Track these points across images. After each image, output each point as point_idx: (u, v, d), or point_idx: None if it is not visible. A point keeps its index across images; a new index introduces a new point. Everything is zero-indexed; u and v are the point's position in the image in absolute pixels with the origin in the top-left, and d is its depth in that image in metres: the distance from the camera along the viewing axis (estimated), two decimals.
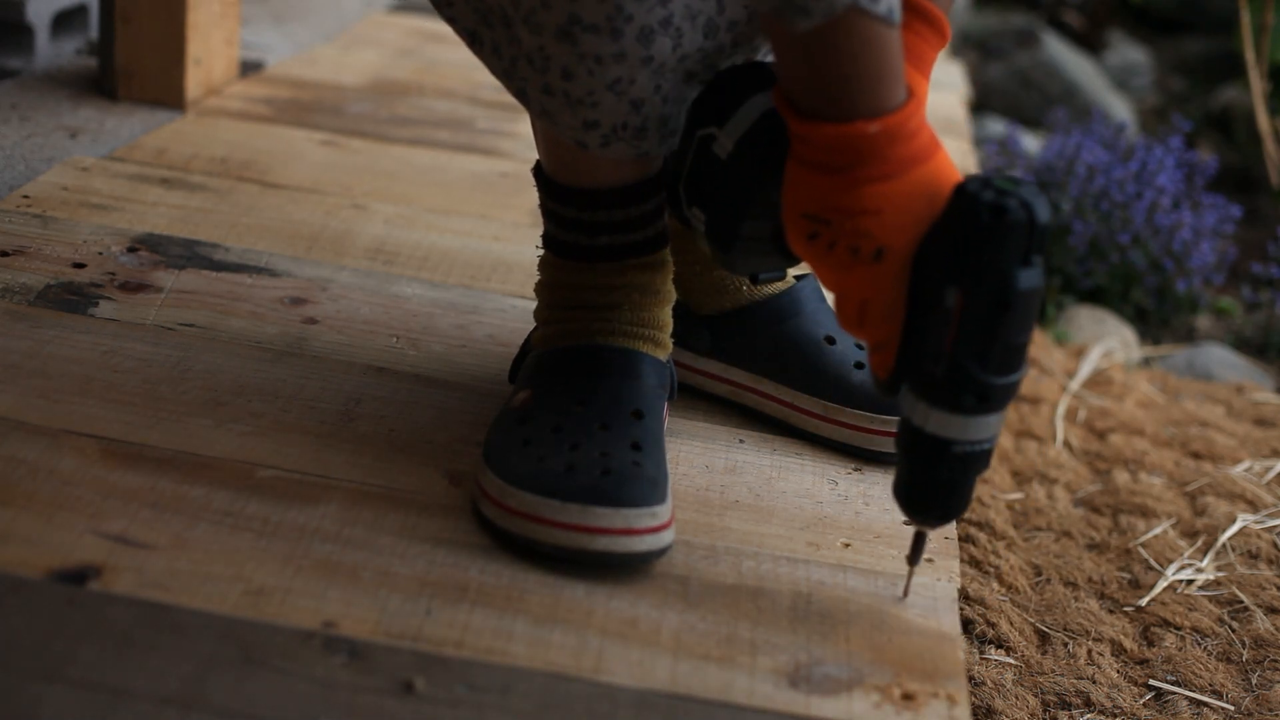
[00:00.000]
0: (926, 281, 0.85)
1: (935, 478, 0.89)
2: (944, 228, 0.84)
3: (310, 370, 1.13)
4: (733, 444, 1.12)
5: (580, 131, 0.94)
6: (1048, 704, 1.11)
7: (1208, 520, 1.39)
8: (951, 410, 0.86)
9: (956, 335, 0.84)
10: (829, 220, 0.86)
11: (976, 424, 0.87)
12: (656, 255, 1.04)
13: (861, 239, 0.85)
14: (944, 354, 0.85)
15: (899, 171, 0.84)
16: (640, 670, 0.85)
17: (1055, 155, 2.15)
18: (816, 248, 0.87)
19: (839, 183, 0.85)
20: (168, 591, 0.85)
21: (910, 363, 0.88)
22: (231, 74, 1.86)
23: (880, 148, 0.83)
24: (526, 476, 0.93)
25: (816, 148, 0.85)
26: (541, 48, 0.91)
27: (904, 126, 0.84)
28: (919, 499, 0.91)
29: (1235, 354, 1.90)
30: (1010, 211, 0.82)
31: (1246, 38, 2.39)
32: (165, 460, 0.98)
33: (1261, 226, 2.48)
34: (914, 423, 0.88)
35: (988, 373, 0.85)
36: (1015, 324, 0.84)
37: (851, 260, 0.86)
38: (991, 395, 0.86)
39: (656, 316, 1.04)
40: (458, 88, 2.02)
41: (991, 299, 0.83)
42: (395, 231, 1.44)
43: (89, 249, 1.29)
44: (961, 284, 0.83)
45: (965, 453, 0.88)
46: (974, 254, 0.83)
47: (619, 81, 0.91)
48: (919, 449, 0.89)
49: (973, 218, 0.82)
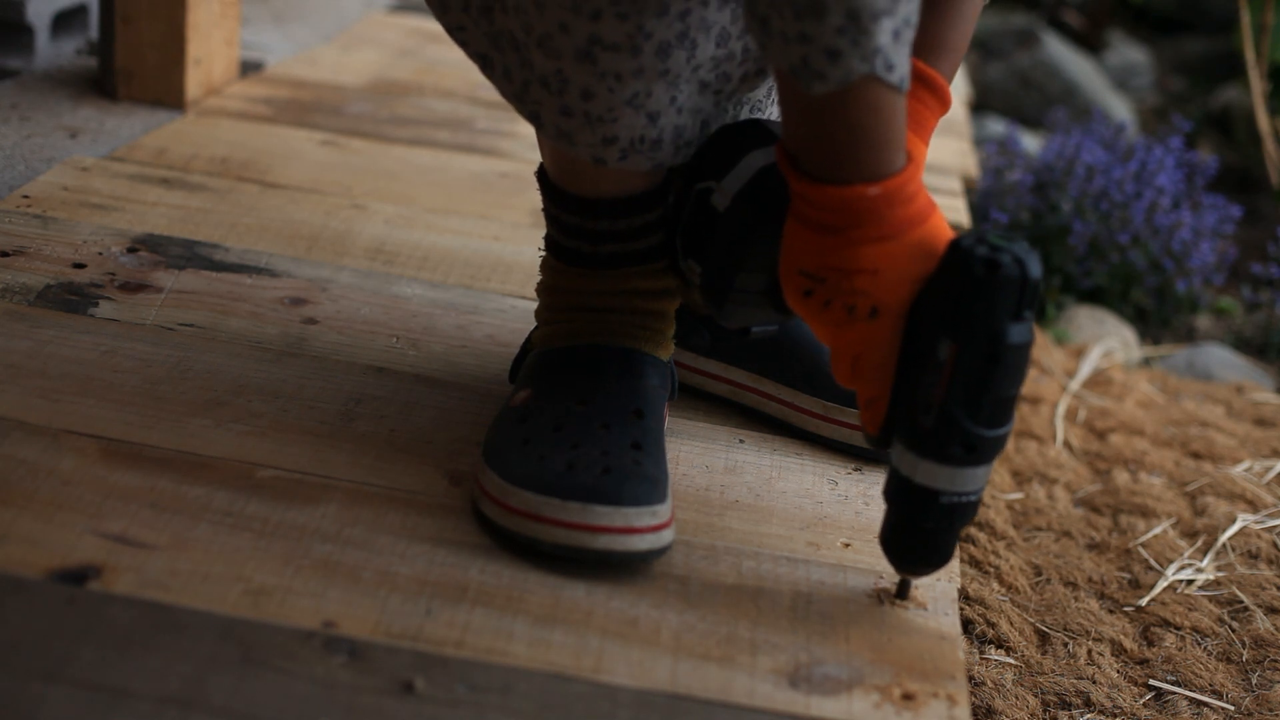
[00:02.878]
0: (920, 335, 0.87)
1: (922, 527, 0.90)
2: (938, 282, 0.86)
3: (310, 370, 1.13)
4: (733, 444, 1.12)
5: (599, 148, 0.94)
6: (1048, 704, 1.11)
7: (1208, 520, 1.39)
8: (940, 461, 0.87)
9: (948, 387, 0.86)
10: (825, 279, 0.87)
11: (964, 475, 0.88)
12: (660, 263, 1.04)
13: (858, 297, 0.87)
14: (934, 405, 0.86)
15: (897, 233, 0.86)
16: (640, 670, 0.85)
17: (1055, 155, 2.15)
18: (812, 304, 0.89)
19: (837, 242, 0.86)
20: (168, 591, 0.85)
21: (901, 415, 0.89)
22: (231, 74, 1.86)
23: (879, 210, 0.85)
24: (527, 475, 0.93)
25: (817, 207, 0.86)
26: (559, 71, 0.90)
27: (903, 190, 0.85)
28: (905, 549, 0.92)
29: (1235, 354, 1.90)
30: (1004, 267, 0.84)
31: (1246, 38, 2.39)
32: (165, 460, 0.98)
33: (1261, 226, 2.48)
34: (902, 473, 0.89)
35: (977, 424, 0.86)
36: (1005, 377, 0.85)
37: (847, 318, 0.88)
38: (980, 447, 0.87)
39: (658, 319, 1.04)
40: (458, 88, 2.02)
41: (983, 352, 0.85)
42: (395, 231, 1.44)
43: (89, 249, 1.29)
44: (954, 337, 0.85)
45: (952, 503, 0.89)
46: (967, 307, 0.84)
47: (637, 96, 0.92)
48: (907, 499, 0.90)
49: (967, 272, 0.84)
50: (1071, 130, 2.29)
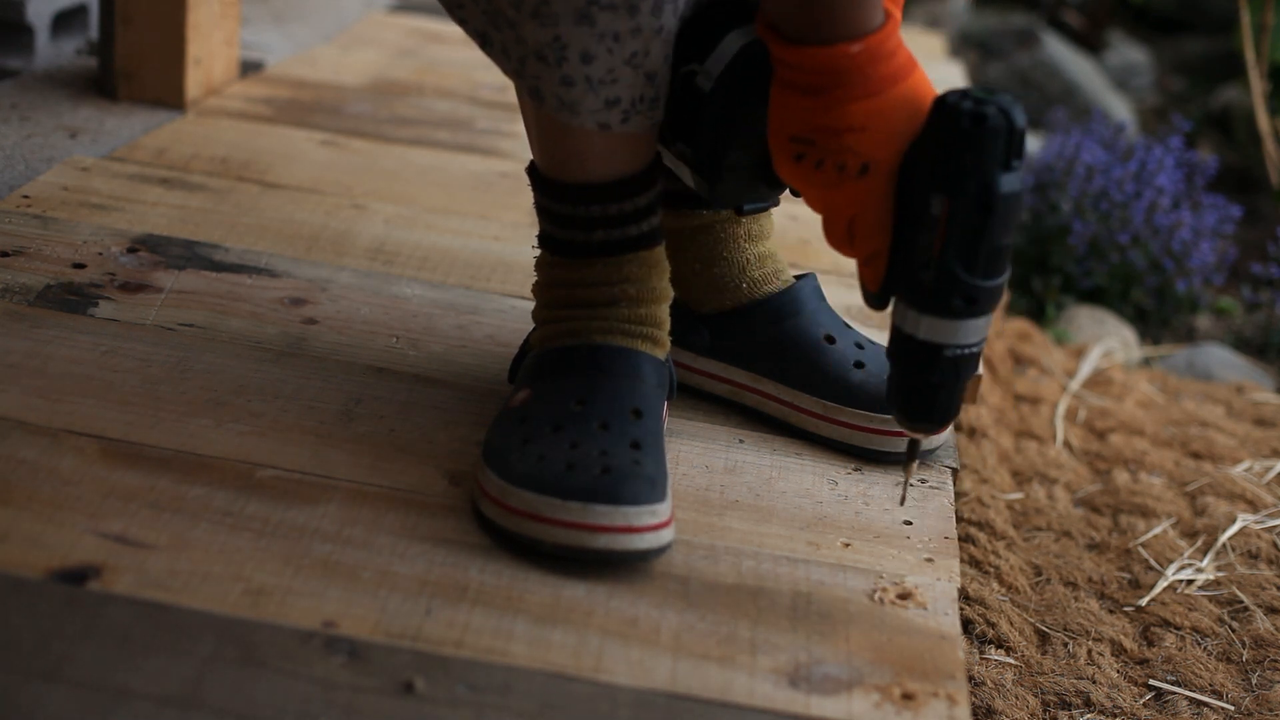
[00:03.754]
0: (912, 192, 0.89)
1: (929, 382, 0.92)
2: (927, 139, 0.88)
3: (310, 370, 1.13)
4: (733, 444, 1.12)
5: (603, 112, 0.96)
6: (1048, 704, 1.11)
7: (1208, 520, 1.39)
8: (942, 315, 0.90)
9: (944, 241, 0.88)
10: (814, 140, 0.90)
11: (966, 327, 0.90)
12: (653, 251, 1.04)
13: (847, 155, 0.89)
14: (932, 260, 0.89)
15: (881, 89, 0.88)
16: (640, 670, 0.85)
17: (1055, 155, 2.15)
18: (804, 168, 0.92)
19: (824, 102, 0.89)
20: (168, 591, 0.85)
21: (900, 273, 0.91)
22: (231, 74, 1.86)
23: (862, 67, 0.88)
24: (526, 475, 0.93)
25: (801, 70, 0.89)
26: (557, 38, 0.92)
27: (883, 46, 0.88)
28: (914, 405, 0.94)
29: (1235, 354, 1.90)
30: (990, 118, 0.86)
31: (1246, 38, 2.39)
32: (165, 460, 0.98)
33: (1261, 226, 2.48)
34: (905, 330, 0.92)
35: (975, 276, 0.88)
36: (999, 226, 0.88)
37: (838, 177, 0.90)
38: (979, 298, 0.89)
39: (654, 314, 1.04)
40: (458, 88, 2.02)
41: (976, 203, 0.87)
42: (395, 231, 1.44)
43: (89, 249, 1.29)
44: (947, 191, 0.87)
45: (956, 356, 0.91)
46: (957, 160, 0.87)
47: (635, 55, 0.94)
48: (912, 356, 0.92)
49: (954, 126, 0.86)
50: (1071, 130, 2.29)
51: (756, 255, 1.15)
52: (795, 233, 1.58)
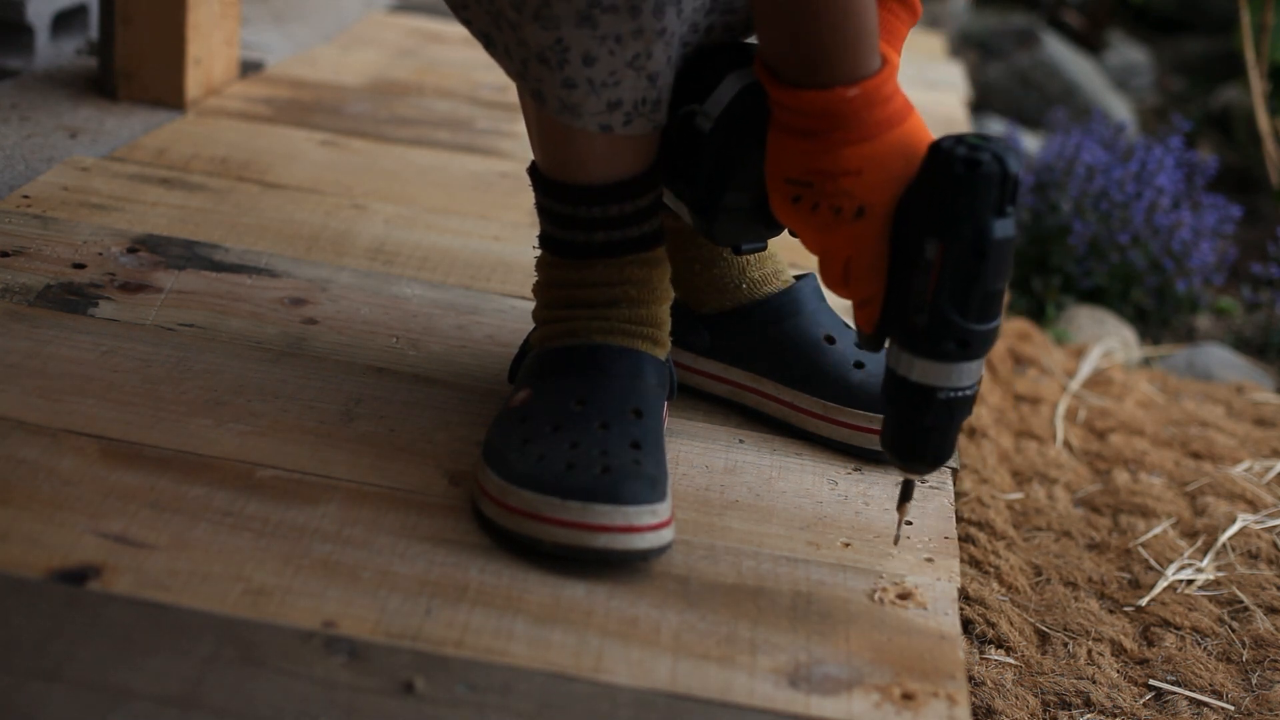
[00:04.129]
0: (907, 236, 0.90)
1: (923, 424, 0.93)
2: (922, 183, 0.89)
3: (310, 370, 1.13)
4: (733, 444, 1.12)
5: (605, 115, 0.96)
6: (1048, 704, 1.11)
7: (1208, 520, 1.39)
8: (935, 358, 0.90)
9: (937, 285, 0.89)
10: (811, 183, 0.91)
11: (959, 370, 0.91)
12: (654, 252, 1.04)
13: (843, 199, 0.90)
14: (926, 304, 0.89)
15: (877, 133, 0.89)
16: (640, 670, 0.85)
17: (1055, 155, 2.15)
18: (800, 210, 0.93)
19: (820, 146, 0.90)
20: (168, 591, 0.85)
21: (894, 315, 0.92)
22: (231, 74, 1.86)
23: (858, 111, 0.89)
24: (527, 475, 0.93)
25: (798, 114, 0.90)
26: (559, 40, 0.92)
27: (879, 91, 0.89)
28: (908, 446, 0.95)
29: (1235, 354, 1.90)
30: (984, 164, 0.87)
31: (1246, 38, 2.39)
32: (165, 460, 0.98)
33: (1261, 226, 2.48)
34: (899, 373, 0.93)
35: (968, 320, 0.89)
36: (992, 272, 0.88)
37: (834, 220, 0.91)
38: (972, 341, 0.90)
39: (655, 315, 1.04)
40: (458, 88, 2.02)
41: (969, 248, 0.88)
42: (395, 231, 1.44)
43: (89, 249, 1.29)
44: (941, 235, 0.88)
45: (949, 398, 0.92)
46: (951, 205, 0.87)
47: (638, 57, 0.94)
48: (906, 398, 0.93)
49: (948, 171, 0.87)
50: (1071, 130, 2.29)
51: (756, 256, 1.15)
52: None
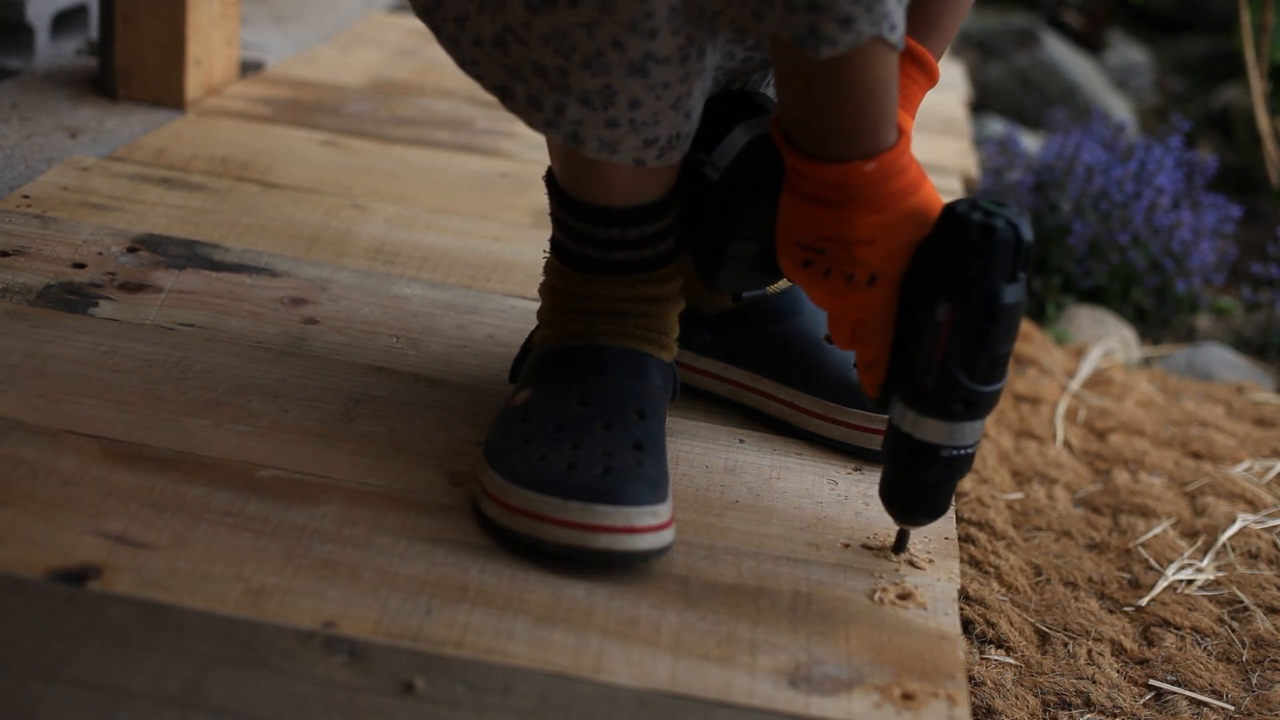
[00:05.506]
0: (917, 298, 0.91)
1: (923, 480, 0.94)
2: (934, 247, 0.90)
3: (310, 370, 1.13)
4: (733, 444, 1.12)
5: (640, 151, 0.95)
6: (1048, 704, 1.11)
7: (1208, 520, 1.39)
8: (941, 418, 0.92)
9: (946, 347, 0.90)
10: (824, 249, 0.91)
11: (963, 430, 0.92)
12: (667, 269, 1.04)
13: (856, 266, 0.91)
14: (934, 365, 0.90)
15: (891, 205, 0.89)
16: (640, 670, 0.85)
17: (1055, 155, 2.15)
18: (811, 274, 0.93)
19: (835, 215, 0.90)
20: (168, 591, 0.85)
21: (901, 375, 0.93)
22: (231, 74, 1.86)
23: (875, 184, 0.89)
24: (528, 475, 0.93)
25: (813, 183, 0.90)
26: (607, 86, 0.90)
27: (896, 164, 0.89)
28: (907, 501, 0.96)
29: (1235, 354, 1.90)
30: (998, 230, 0.88)
31: (1246, 38, 2.39)
32: (165, 460, 0.98)
33: (1261, 226, 2.48)
34: (903, 430, 0.94)
35: (975, 381, 0.90)
36: (1001, 335, 0.90)
37: (846, 286, 0.92)
38: (978, 403, 0.91)
39: (662, 322, 1.04)
40: (458, 88, 2.02)
41: (980, 312, 0.89)
42: (395, 231, 1.44)
43: (89, 249, 1.29)
44: (952, 298, 0.89)
45: (952, 456, 0.93)
46: (964, 270, 0.88)
47: (680, 99, 0.93)
48: (909, 454, 0.94)
49: (963, 236, 0.88)
50: (1071, 130, 2.29)
51: None
52: None
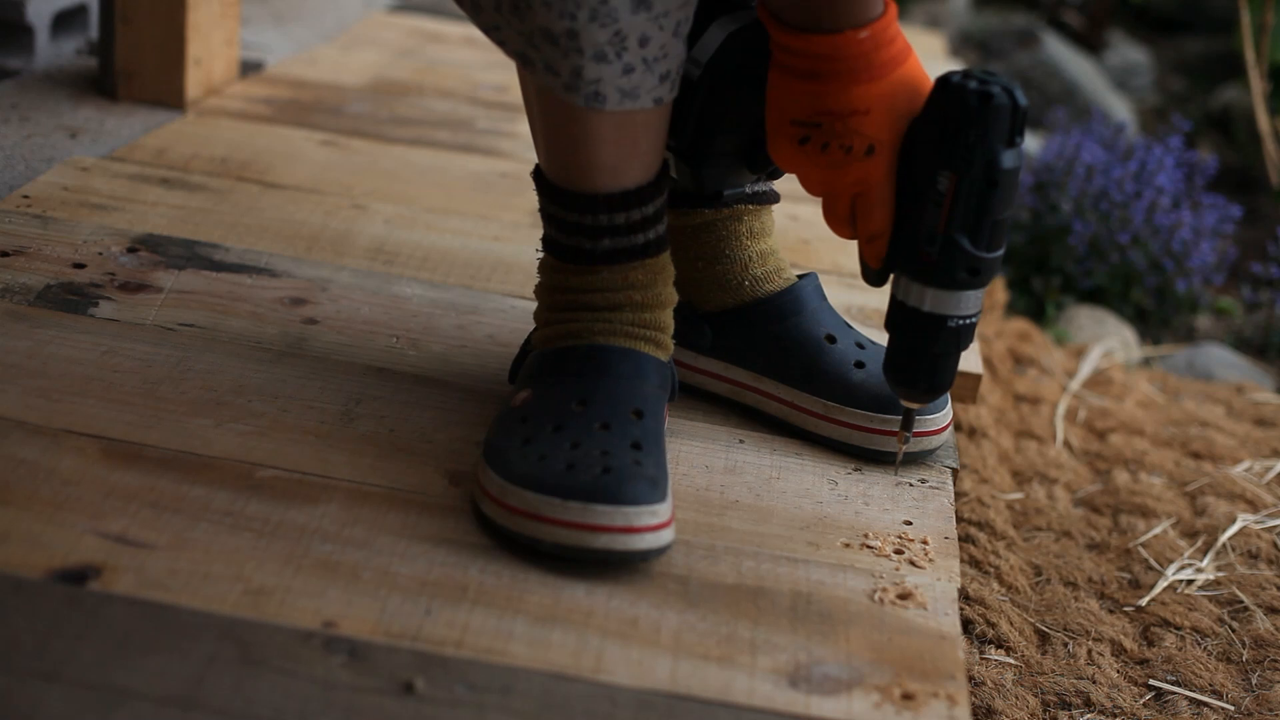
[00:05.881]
0: (918, 170, 0.94)
1: (932, 352, 0.97)
2: (932, 118, 0.93)
3: (310, 370, 1.13)
4: (733, 444, 1.12)
5: (657, 88, 0.97)
6: (1048, 704, 1.11)
7: (1208, 520, 1.39)
8: (947, 287, 0.94)
9: (949, 216, 0.92)
10: (820, 123, 0.94)
11: (968, 298, 0.95)
12: (658, 259, 1.04)
13: (854, 137, 0.93)
14: (938, 235, 0.93)
15: (884, 73, 0.93)
16: (640, 670, 0.85)
17: (1055, 155, 2.15)
18: (808, 150, 0.96)
19: (828, 87, 0.93)
20: (168, 591, 0.85)
21: (904, 248, 0.96)
22: (231, 74, 1.86)
23: (867, 53, 0.92)
24: (527, 475, 0.93)
25: (805, 57, 0.93)
26: (617, 32, 0.93)
27: (885, 32, 0.93)
28: (916, 374, 0.99)
29: (1235, 354, 1.90)
30: (995, 96, 0.90)
31: (1246, 38, 2.39)
32: (165, 460, 0.98)
33: (1261, 226, 2.48)
34: (910, 304, 0.96)
35: (979, 248, 0.93)
36: (1001, 200, 0.92)
37: (845, 158, 0.94)
38: (982, 269, 0.94)
39: (658, 318, 1.04)
40: (458, 88, 2.02)
41: (981, 179, 0.91)
42: (395, 231, 1.44)
43: (89, 249, 1.29)
44: (954, 167, 0.91)
45: (958, 325, 0.96)
46: (964, 138, 0.91)
47: (679, 25, 0.96)
48: (916, 328, 0.97)
49: (961, 105, 0.91)
50: (1071, 130, 2.29)
51: (758, 252, 1.15)
52: (795, 233, 1.58)
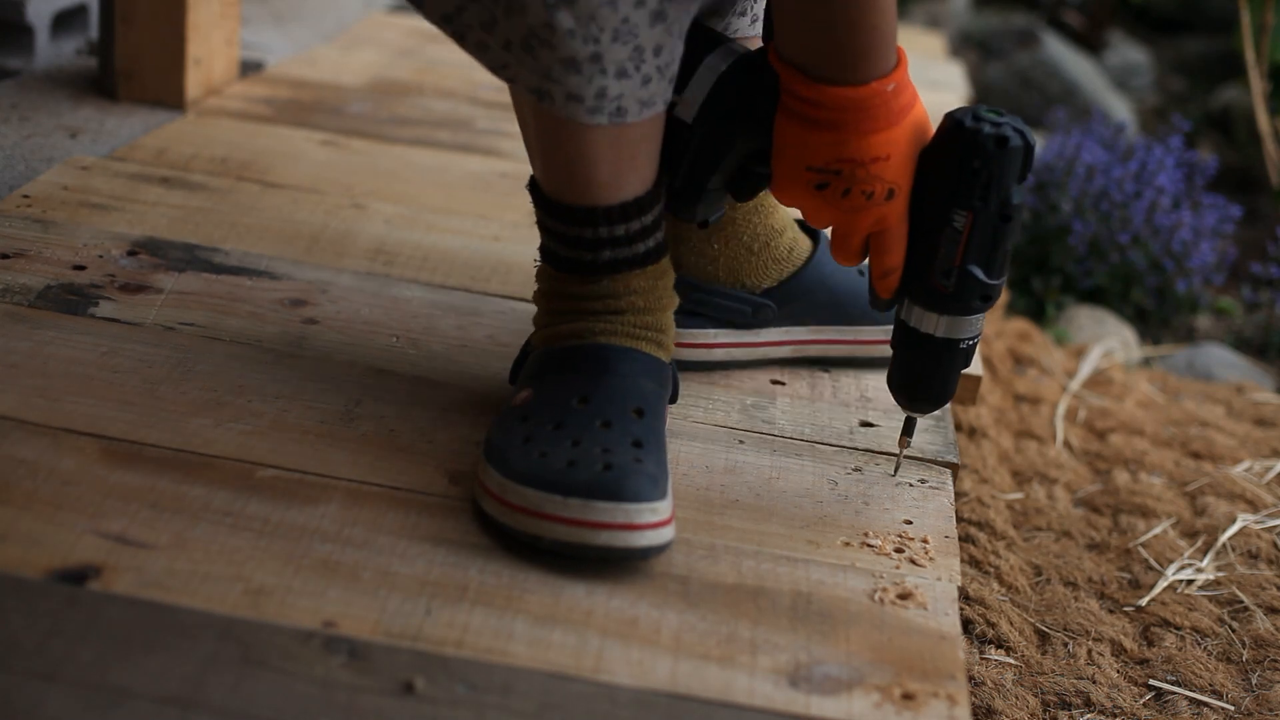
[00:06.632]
0: (933, 208, 0.98)
1: (939, 372, 1.03)
2: (948, 159, 0.96)
3: (310, 370, 1.13)
4: (733, 444, 1.13)
5: (668, 92, 0.98)
6: (1048, 704, 1.11)
7: (1208, 520, 1.39)
8: (962, 314, 1.00)
9: (965, 250, 0.97)
10: (840, 170, 0.96)
11: (977, 322, 1.01)
12: (659, 264, 1.04)
13: (876, 183, 0.96)
14: (954, 269, 0.98)
15: (900, 118, 0.95)
16: (640, 670, 0.85)
17: (1055, 155, 2.15)
18: (827, 195, 0.98)
19: (847, 136, 0.95)
20: (168, 591, 0.85)
21: (917, 279, 1.00)
22: (231, 74, 1.86)
23: (888, 102, 0.95)
24: (528, 472, 0.93)
25: (824, 108, 0.95)
26: (637, 47, 0.93)
27: (903, 79, 0.95)
28: (926, 392, 1.04)
29: (1235, 354, 1.90)
30: (1010, 139, 0.95)
31: (1246, 38, 2.39)
32: (165, 460, 0.98)
33: (1261, 226, 2.48)
34: (922, 330, 1.01)
35: (992, 277, 0.99)
36: (1014, 232, 0.98)
37: (866, 203, 0.97)
38: (992, 294, 1.00)
39: (659, 320, 1.04)
40: (458, 88, 2.02)
41: (996, 215, 0.96)
42: (395, 232, 1.44)
43: (89, 252, 1.29)
44: (970, 206, 0.96)
45: (968, 346, 1.02)
46: (984, 180, 0.95)
47: (682, 29, 0.97)
48: (928, 352, 1.02)
49: (979, 149, 0.95)
50: (1071, 130, 2.29)
51: (783, 218, 1.21)
52: None
